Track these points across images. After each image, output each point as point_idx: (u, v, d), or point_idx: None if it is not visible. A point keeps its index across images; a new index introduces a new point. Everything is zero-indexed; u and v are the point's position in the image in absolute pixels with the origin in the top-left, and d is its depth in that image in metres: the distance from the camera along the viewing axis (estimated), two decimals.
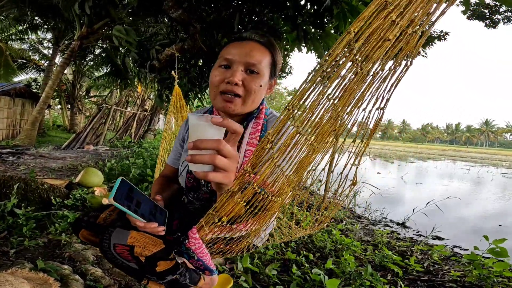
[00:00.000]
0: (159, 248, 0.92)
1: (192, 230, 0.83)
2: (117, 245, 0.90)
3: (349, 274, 1.93)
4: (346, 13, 2.65)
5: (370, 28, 0.60)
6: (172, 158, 1.23)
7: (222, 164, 0.63)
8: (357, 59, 0.61)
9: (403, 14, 0.61)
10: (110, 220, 1.02)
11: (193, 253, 0.84)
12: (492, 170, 16.68)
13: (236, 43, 0.96)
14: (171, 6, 3.23)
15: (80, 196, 2.75)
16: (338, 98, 0.63)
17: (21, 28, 12.32)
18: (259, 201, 0.71)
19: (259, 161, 0.65)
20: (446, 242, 3.49)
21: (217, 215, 0.73)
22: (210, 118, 0.62)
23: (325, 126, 0.66)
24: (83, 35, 8.29)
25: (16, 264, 1.47)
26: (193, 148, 0.62)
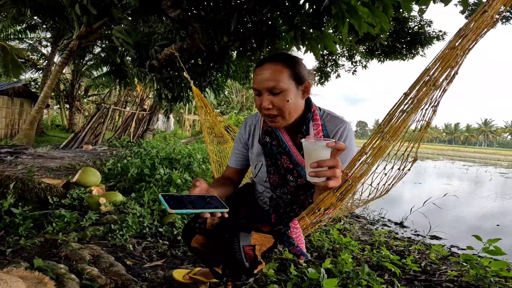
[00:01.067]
0: (271, 243, 1.13)
1: (293, 221, 1.05)
2: (245, 246, 1.08)
3: (347, 273, 1.93)
4: (344, 13, 2.65)
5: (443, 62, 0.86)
6: (234, 160, 1.39)
7: (339, 175, 0.84)
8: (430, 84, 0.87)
9: (463, 45, 0.85)
10: (215, 224, 1.23)
11: (293, 240, 1.04)
12: (491, 170, 16.70)
13: (257, 70, 1.11)
14: (169, 5, 3.23)
15: (77, 195, 2.75)
16: (412, 109, 0.89)
17: (19, 27, 12.31)
18: (347, 190, 0.92)
19: (353, 164, 0.91)
20: (443, 241, 3.49)
21: (317, 207, 0.97)
22: (325, 143, 0.82)
23: (399, 129, 0.90)
24: (82, 35, 8.26)
25: (12, 263, 1.47)
26: (317, 166, 0.82)
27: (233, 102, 25.26)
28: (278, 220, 1.21)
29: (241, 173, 1.42)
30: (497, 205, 6.47)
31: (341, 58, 9.08)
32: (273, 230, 1.15)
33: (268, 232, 1.14)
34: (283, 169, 1.21)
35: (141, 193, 3.10)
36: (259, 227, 1.16)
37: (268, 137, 1.23)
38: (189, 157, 5.17)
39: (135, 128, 12.69)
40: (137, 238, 2.27)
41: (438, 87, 0.88)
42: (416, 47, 7.54)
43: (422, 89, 0.86)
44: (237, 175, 1.41)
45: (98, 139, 9.85)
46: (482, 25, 0.86)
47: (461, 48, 0.85)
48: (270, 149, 1.22)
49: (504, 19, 7.44)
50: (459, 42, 0.85)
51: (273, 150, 1.21)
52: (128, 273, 1.69)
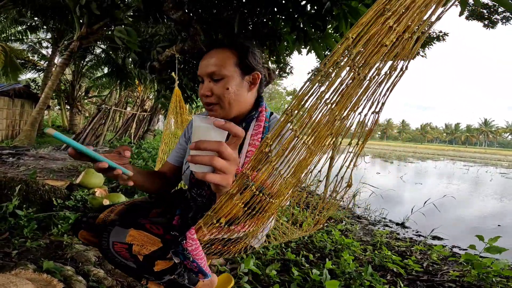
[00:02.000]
0: (157, 247, 0.93)
1: (190, 231, 0.84)
2: (116, 243, 0.91)
3: (349, 274, 1.95)
4: (346, 14, 2.66)
5: (368, 33, 0.61)
6: (173, 156, 1.25)
7: (220, 165, 0.64)
8: (355, 65, 0.63)
9: (400, 20, 0.63)
10: (109, 220, 1.05)
11: (189, 254, 0.85)
12: (491, 170, 16.71)
13: (203, 56, 1.03)
14: (171, 7, 3.25)
15: (81, 197, 2.76)
16: (335, 103, 0.65)
17: (20, 28, 12.33)
18: (257, 203, 0.73)
19: (258, 164, 0.67)
20: (445, 242, 3.51)
21: (216, 216, 0.74)
22: (213, 120, 0.64)
23: (323, 129, 0.68)
24: (82, 36, 8.29)
25: (18, 265, 1.48)
26: (195, 148, 0.64)
27: None
28: (180, 223, 1.08)
29: (177, 172, 1.26)
30: (497, 205, 6.49)
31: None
32: (165, 233, 0.98)
33: (157, 234, 0.96)
34: None
35: (143, 194, 3.11)
36: (147, 226, 0.99)
37: None
38: None
39: (135, 129, 12.70)
40: None
41: (373, 78, 0.67)
42: None
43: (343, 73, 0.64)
44: (173, 172, 1.26)
45: (99, 140, 9.87)
46: None
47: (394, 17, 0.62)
48: None
49: (504, 19, 7.46)
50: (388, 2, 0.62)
51: None
52: None
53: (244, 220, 0.78)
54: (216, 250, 0.97)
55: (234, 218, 0.76)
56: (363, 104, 0.70)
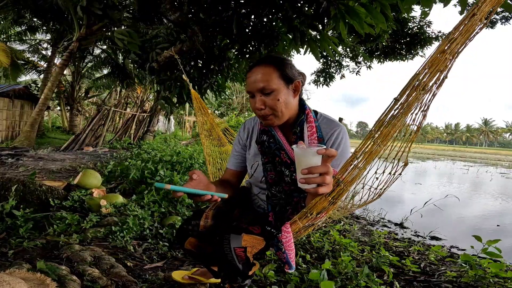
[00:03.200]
0: (262, 246, 1.14)
1: (285, 225, 1.04)
2: (236, 248, 1.09)
3: (346, 275, 1.94)
4: (344, 14, 2.66)
5: (433, 67, 0.88)
6: (233, 163, 1.42)
7: (329, 181, 0.86)
8: (419, 89, 0.89)
9: (452, 49, 0.88)
10: (209, 226, 1.24)
11: (282, 245, 1.02)
12: (491, 170, 16.70)
13: (248, 74, 1.18)
14: (168, 8, 3.25)
15: (78, 197, 2.76)
16: (402, 114, 0.91)
17: (19, 29, 12.34)
18: (338, 194, 0.94)
19: (346, 170, 0.93)
20: (443, 242, 3.50)
21: (309, 211, 0.98)
22: (316, 149, 0.84)
23: (390, 133, 0.92)
24: (81, 37, 8.30)
25: (14, 264, 1.48)
26: (308, 173, 0.84)
27: (233, 104, 25.28)
28: (275, 218, 1.24)
29: (239, 175, 1.44)
30: (497, 206, 6.48)
31: (344, 59, 9.11)
32: (264, 232, 1.16)
33: (259, 234, 1.15)
34: (280, 165, 1.24)
35: (141, 195, 3.11)
36: (250, 228, 1.16)
37: (265, 135, 1.28)
38: (190, 159, 5.19)
39: (135, 130, 12.71)
40: (138, 240, 2.28)
41: (428, 91, 0.90)
42: (416, 47, 7.56)
43: (412, 94, 0.89)
44: (236, 177, 1.43)
45: (99, 141, 9.88)
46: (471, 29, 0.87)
47: (450, 52, 0.87)
48: (268, 146, 1.26)
49: (504, 19, 7.46)
50: (448, 46, 0.87)
51: (271, 147, 1.25)
52: (128, 274, 1.70)
53: (328, 208, 0.99)
54: (299, 234, 1.16)
55: (322, 209, 0.97)
56: (416, 108, 0.93)
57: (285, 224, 1.04)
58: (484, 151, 58.31)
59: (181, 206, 2.99)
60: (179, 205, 3.00)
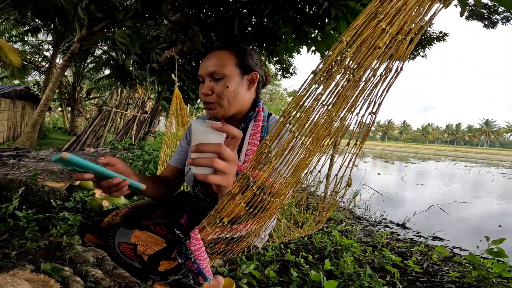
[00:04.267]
0: (161, 247, 0.95)
1: (194, 231, 0.85)
2: (121, 244, 0.93)
3: (348, 275, 1.94)
4: (345, 14, 2.66)
5: (361, 36, 0.63)
6: (175, 158, 1.28)
7: (221, 167, 0.67)
8: (349, 67, 0.65)
9: (393, 22, 0.65)
10: (114, 223, 1.06)
11: (191, 254, 0.85)
12: (493, 170, 16.67)
13: (204, 57, 1.07)
14: (169, 9, 3.26)
15: (80, 198, 2.76)
16: (332, 104, 0.67)
17: (21, 30, 12.38)
18: (258, 202, 0.75)
19: (258, 164, 0.69)
20: (446, 242, 3.49)
21: (219, 216, 0.77)
22: (211, 123, 0.66)
23: (320, 130, 0.70)
24: (83, 37, 8.31)
25: (17, 265, 1.49)
26: (195, 151, 0.67)
27: None
28: (189, 221, 1.11)
29: (180, 174, 1.28)
30: (499, 206, 6.46)
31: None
32: (168, 233, 1.02)
33: (160, 234, 0.99)
34: None
35: (142, 196, 3.12)
36: (151, 227, 1.02)
37: None
38: None
39: (136, 131, 12.73)
40: None
41: (368, 79, 0.69)
42: (417, 48, 7.55)
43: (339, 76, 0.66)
44: (175, 175, 1.27)
45: (100, 142, 9.89)
46: None
47: (387, 19, 0.63)
48: None
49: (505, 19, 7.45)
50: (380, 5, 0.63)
51: None
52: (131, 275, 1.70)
53: (246, 219, 0.80)
54: (219, 249, 0.98)
55: (237, 217, 0.78)
56: (360, 105, 0.72)
57: (194, 230, 0.85)
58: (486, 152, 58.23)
59: None
60: None
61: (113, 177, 0.75)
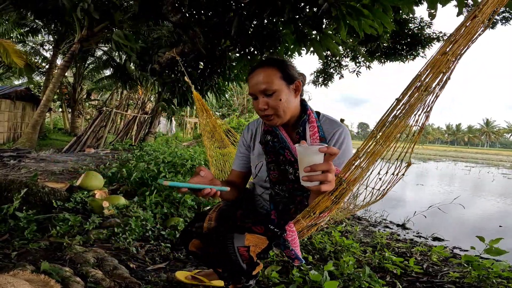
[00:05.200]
0: (265, 245, 1.14)
1: (289, 225, 1.07)
2: (240, 247, 1.10)
3: (348, 275, 1.94)
4: (345, 15, 2.67)
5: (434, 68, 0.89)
6: (238, 164, 1.45)
7: (331, 179, 0.88)
8: (421, 90, 0.90)
9: (454, 50, 0.88)
10: (212, 228, 1.25)
11: (289, 244, 1.06)
12: (493, 170, 16.65)
13: (249, 76, 1.22)
14: (170, 10, 3.26)
15: (81, 199, 2.77)
16: (404, 115, 0.92)
17: (22, 31, 12.39)
18: (341, 194, 0.96)
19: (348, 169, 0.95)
20: (446, 243, 3.49)
21: (313, 210, 1.00)
22: (318, 148, 0.86)
23: (392, 134, 0.94)
24: (83, 38, 8.32)
25: (18, 266, 1.49)
26: (311, 170, 0.86)
27: (234, 105, 25.30)
28: (277, 217, 1.25)
29: (244, 176, 1.46)
30: (499, 207, 6.46)
31: (344, 59, 9.10)
32: (266, 231, 1.17)
33: (262, 233, 1.16)
34: (284, 163, 1.26)
35: (143, 196, 3.12)
36: (253, 228, 1.17)
37: (269, 135, 1.30)
38: (191, 160, 5.19)
39: (136, 131, 12.73)
40: (140, 241, 2.29)
41: (431, 93, 0.91)
42: (416, 48, 7.55)
43: (414, 94, 0.90)
44: (241, 178, 1.45)
45: (100, 143, 9.90)
46: (473, 30, 0.88)
47: (452, 54, 0.88)
48: (272, 146, 1.29)
49: (504, 20, 7.46)
50: (450, 48, 0.88)
51: (275, 146, 1.28)
52: (131, 276, 1.71)
53: (331, 208, 1.00)
54: (302, 234, 1.18)
55: (325, 208, 0.99)
56: (419, 109, 0.94)
57: (289, 224, 1.07)
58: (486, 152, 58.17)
59: (183, 208, 2.99)
60: (181, 207, 3.00)
61: (203, 189, 0.97)
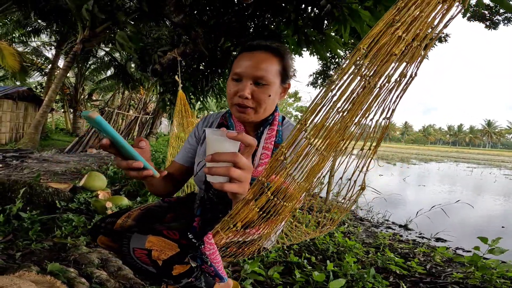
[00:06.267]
0: (174, 252, 0.95)
1: (207, 236, 0.87)
2: (136, 249, 0.93)
3: (352, 276, 1.94)
4: (346, 16, 2.67)
5: (378, 44, 0.65)
6: (181, 156, 1.24)
7: (237, 175, 0.68)
8: (365, 74, 0.66)
9: (409, 30, 0.66)
10: (127, 226, 1.07)
11: (207, 258, 0.87)
12: (495, 171, 16.61)
13: (245, 54, 1.01)
14: (172, 11, 3.27)
15: (84, 199, 2.78)
16: (347, 111, 0.68)
17: (24, 31, 12.44)
18: (271, 207, 0.76)
19: (273, 171, 0.71)
20: (449, 244, 3.49)
21: (232, 221, 0.79)
22: (226, 132, 0.67)
23: (335, 136, 0.71)
24: (85, 38, 8.35)
25: (22, 267, 1.49)
26: (211, 160, 0.67)
27: None
28: (201, 225, 1.07)
29: (186, 172, 1.24)
30: (502, 207, 6.44)
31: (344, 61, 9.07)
32: (181, 238, 1.00)
33: (173, 239, 0.98)
34: None
35: (145, 197, 3.13)
36: (164, 232, 1.01)
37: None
38: None
39: (138, 132, 12.75)
40: None
41: (383, 87, 0.70)
42: None
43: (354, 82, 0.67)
44: (181, 172, 1.24)
45: None
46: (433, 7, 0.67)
47: (403, 27, 0.65)
48: None
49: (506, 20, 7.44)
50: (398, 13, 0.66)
51: None
52: (136, 276, 1.71)
53: (259, 223, 0.81)
54: (231, 252, 0.99)
55: (250, 222, 0.79)
56: (374, 110, 0.73)
57: (207, 235, 0.88)
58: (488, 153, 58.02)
59: None
60: None
61: (138, 160, 0.72)
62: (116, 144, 0.68)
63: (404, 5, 0.65)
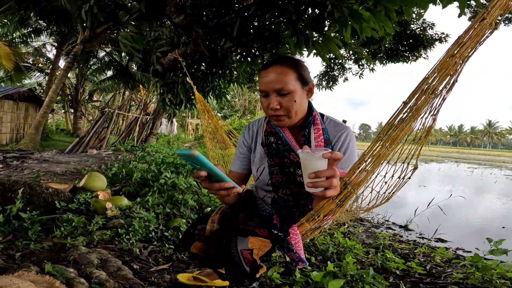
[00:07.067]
0: (268, 248, 1.11)
1: (293, 228, 1.07)
2: (243, 250, 1.08)
3: (351, 276, 1.94)
4: (347, 17, 2.66)
5: (442, 70, 0.88)
6: (237, 165, 1.40)
7: (336, 184, 0.87)
8: (428, 93, 0.89)
9: (462, 53, 0.88)
10: (215, 230, 1.23)
11: (292, 247, 1.05)
12: (496, 172, 16.59)
13: (263, 73, 1.15)
14: (173, 11, 3.27)
15: (84, 200, 2.78)
16: (411, 118, 0.92)
17: (24, 31, 12.45)
18: (346, 197, 0.95)
19: (353, 173, 0.95)
20: (449, 244, 3.49)
21: (317, 213, 1.00)
22: (321, 153, 0.84)
23: (398, 137, 0.94)
24: (85, 39, 8.35)
25: (22, 267, 1.49)
26: (315, 177, 0.85)
27: (236, 106, 25.32)
28: (280, 221, 1.22)
29: (244, 178, 1.42)
30: (502, 208, 6.43)
31: (347, 61, 9.07)
32: (270, 234, 1.15)
33: (265, 236, 1.14)
34: (290, 166, 1.22)
35: (146, 197, 3.13)
36: (256, 231, 1.15)
37: (272, 137, 1.26)
38: None
39: (138, 132, 12.75)
40: (143, 242, 2.29)
41: (438, 96, 0.90)
42: (419, 49, 7.54)
43: (421, 97, 0.89)
44: (240, 180, 1.41)
45: (103, 144, 9.92)
46: (481, 33, 0.87)
47: (460, 56, 0.87)
48: (275, 148, 1.25)
49: (507, 21, 7.44)
50: (458, 50, 0.87)
51: (279, 149, 1.24)
52: (135, 277, 1.71)
53: (335, 211, 1.00)
54: (306, 236, 1.18)
55: (329, 211, 0.98)
56: (426, 112, 0.94)
57: (293, 227, 1.06)
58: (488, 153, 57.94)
59: (185, 209, 3.00)
60: (182, 207, 3.01)
61: (227, 181, 0.88)
62: (211, 172, 0.84)
63: (464, 41, 0.87)
